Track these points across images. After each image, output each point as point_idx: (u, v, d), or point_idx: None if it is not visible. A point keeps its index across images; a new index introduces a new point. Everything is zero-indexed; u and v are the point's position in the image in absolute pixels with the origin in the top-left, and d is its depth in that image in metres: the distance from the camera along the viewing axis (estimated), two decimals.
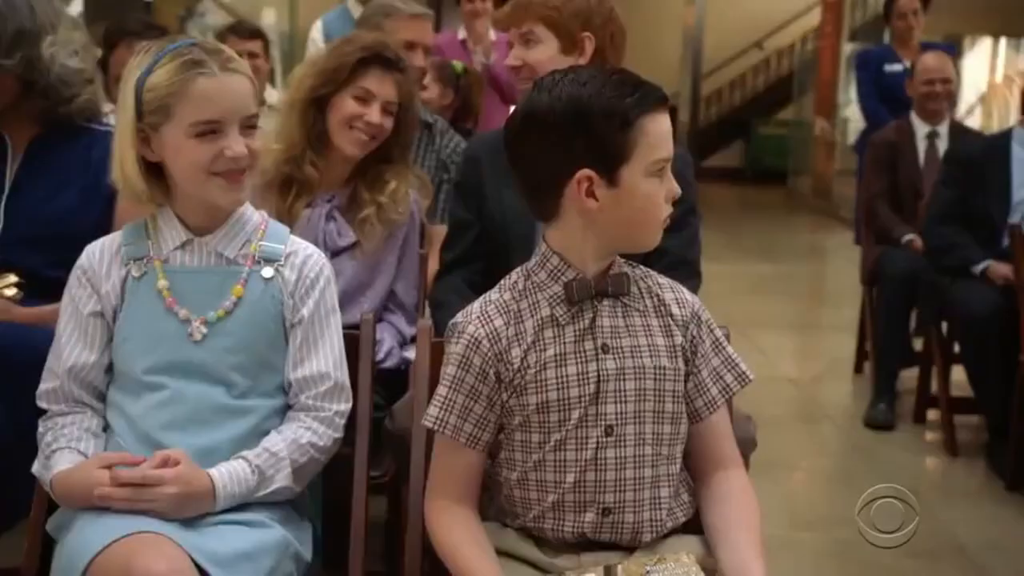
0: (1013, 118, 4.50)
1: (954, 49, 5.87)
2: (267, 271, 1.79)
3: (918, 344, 4.49)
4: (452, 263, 2.40)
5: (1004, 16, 11.88)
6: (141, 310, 1.77)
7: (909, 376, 4.54)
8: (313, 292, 1.81)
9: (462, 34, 4.71)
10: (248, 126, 1.75)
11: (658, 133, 1.55)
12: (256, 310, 1.78)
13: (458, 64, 4.16)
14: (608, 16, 2.34)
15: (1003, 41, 12.88)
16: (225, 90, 1.71)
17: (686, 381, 1.67)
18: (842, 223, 10.44)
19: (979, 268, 3.86)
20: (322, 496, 1.94)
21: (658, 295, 1.68)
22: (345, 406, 1.83)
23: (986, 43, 12.74)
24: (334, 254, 2.46)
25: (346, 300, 2.42)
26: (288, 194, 2.48)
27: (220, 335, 1.76)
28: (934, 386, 4.26)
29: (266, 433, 1.77)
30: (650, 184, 1.56)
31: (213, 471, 1.68)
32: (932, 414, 4.34)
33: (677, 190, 1.60)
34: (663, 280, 1.72)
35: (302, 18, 9.97)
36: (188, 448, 1.69)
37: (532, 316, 1.62)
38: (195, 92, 1.69)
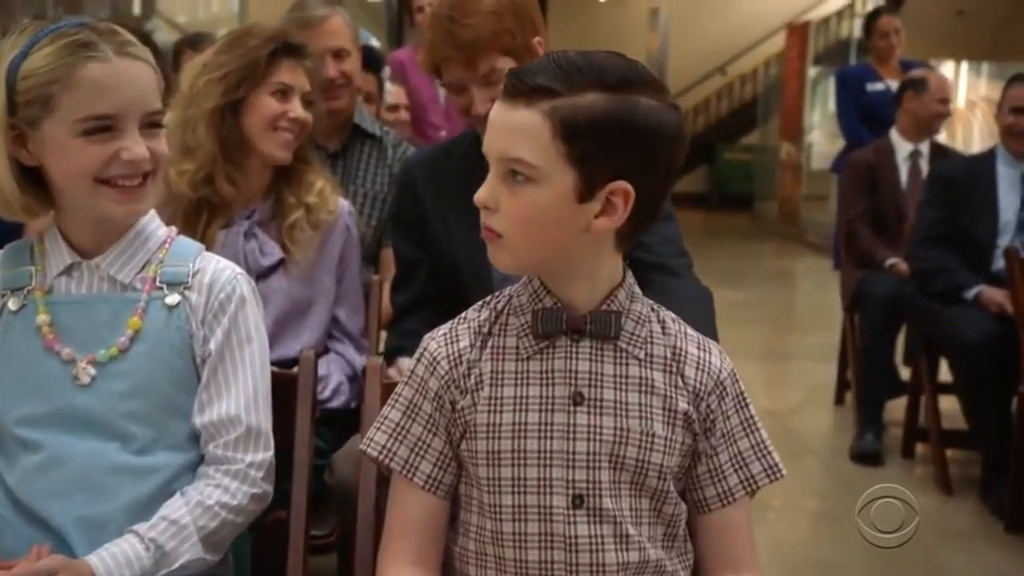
0: (977, 143, 4.45)
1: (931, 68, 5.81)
2: (172, 297, 1.49)
3: (904, 374, 4.28)
4: (407, 307, 2.12)
5: (965, 41, 11.90)
6: (16, 351, 1.47)
7: (893, 408, 4.32)
8: (222, 317, 1.51)
9: None
10: (150, 124, 1.46)
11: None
12: (158, 345, 1.48)
13: None
14: (532, 5, 2.07)
15: (964, 65, 12.94)
16: (121, 78, 1.42)
17: (696, 462, 1.39)
18: (809, 248, 10.35)
19: (971, 293, 3.67)
20: (252, 565, 1.65)
21: (677, 347, 1.38)
22: (262, 456, 1.52)
23: (948, 68, 12.75)
24: (260, 276, 2.19)
25: (283, 329, 2.18)
26: (198, 219, 2.18)
27: (112, 377, 1.46)
28: (922, 418, 4.05)
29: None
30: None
31: (92, 558, 1.37)
32: (921, 448, 4.13)
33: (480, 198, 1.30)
34: (694, 334, 1.42)
35: None
36: (72, 520, 1.40)
37: (497, 342, 1.36)
38: (83, 80, 1.40)
